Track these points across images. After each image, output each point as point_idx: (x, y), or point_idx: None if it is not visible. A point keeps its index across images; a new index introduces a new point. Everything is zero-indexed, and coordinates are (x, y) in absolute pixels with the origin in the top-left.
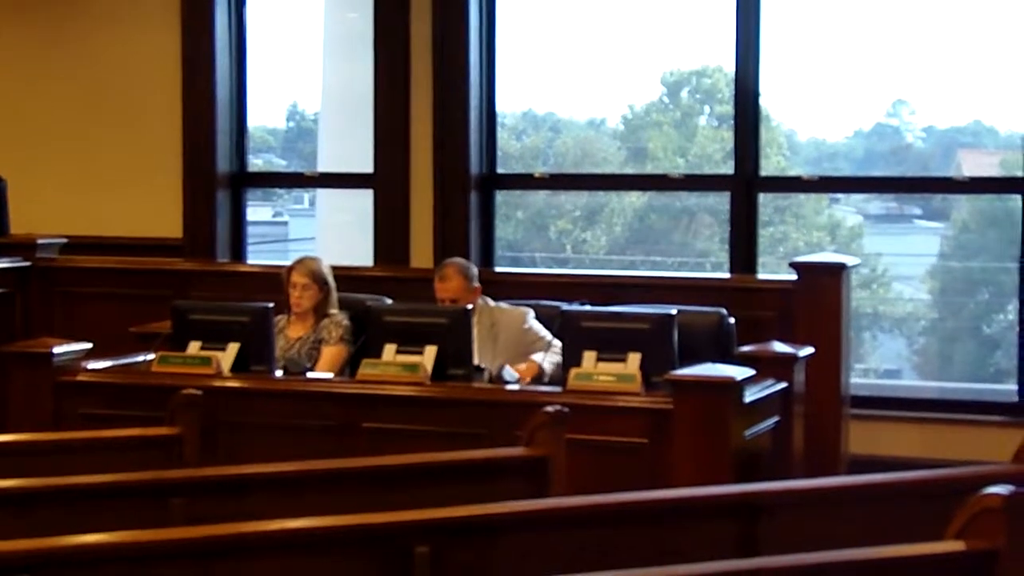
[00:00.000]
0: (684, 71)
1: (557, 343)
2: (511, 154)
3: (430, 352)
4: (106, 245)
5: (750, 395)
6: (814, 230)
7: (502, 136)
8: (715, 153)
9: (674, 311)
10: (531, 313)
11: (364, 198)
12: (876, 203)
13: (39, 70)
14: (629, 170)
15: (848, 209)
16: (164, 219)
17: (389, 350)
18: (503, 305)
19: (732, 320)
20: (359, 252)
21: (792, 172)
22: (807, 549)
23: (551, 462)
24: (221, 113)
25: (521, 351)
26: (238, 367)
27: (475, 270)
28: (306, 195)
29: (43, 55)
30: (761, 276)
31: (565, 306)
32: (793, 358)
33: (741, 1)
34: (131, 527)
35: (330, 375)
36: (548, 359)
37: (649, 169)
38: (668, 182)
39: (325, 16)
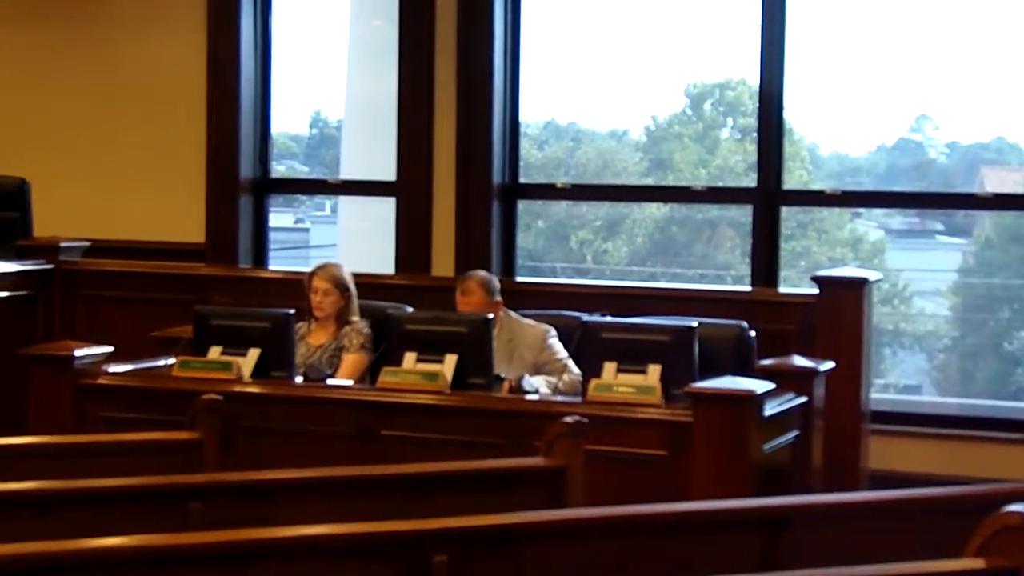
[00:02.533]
0: (708, 83)
1: (574, 367)
2: (533, 164)
3: (450, 361)
4: (129, 249)
5: (770, 409)
6: (836, 244)
7: (524, 146)
8: (737, 166)
9: (695, 323)
10: (552, 332)
11: (386, 206)
12: (898, 218)
13: (63, 73)
14: (651, 181)
15: (870, 224)
16: (187, 224)
17: (409, 358)
18: (525, 321)
19: (753, 333)
20: (380, 260)
21: (814, 186)
22: (826, 564)
23: (569, 473)
24: (245, 119)
25: (535, 370)
26: (258, 373)
27: (497, 283)
28: (328, 202)
29: (67, 58)
30: (782, 290)
31: (586, 317)
32: (814, 372)
33: (766, 14)
34: (150, 531)
35: (350, 382)
36: (548, 382)
37: (671, 181)
38: (690, 194)
39: (350, 23)
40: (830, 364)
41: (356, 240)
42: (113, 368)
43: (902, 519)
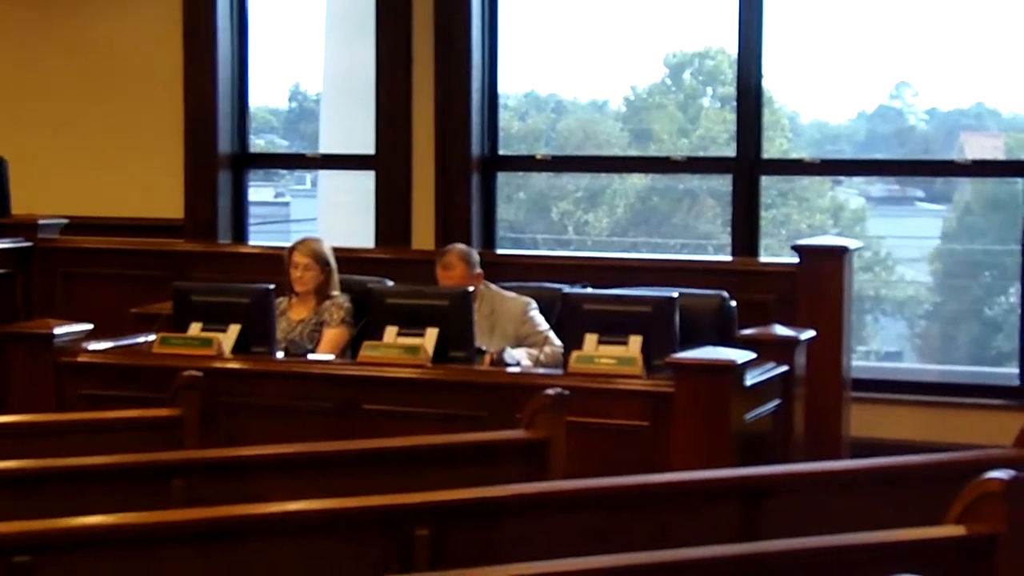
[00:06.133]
0: (687, 53)
1: (555, 339)
2: (513, 135)
3: (431, 334)
4: (107, 226)
5: (751, 378)
6: (817, 213)
7: (504, 117)
8: (718, 135)
9: (675, 294)
10: (532, 304)
11: (366, 179)
12: (879, 185)
13: (40, 49)
14: (632, 152)
15: (851, 191)
16: (166, 200)
17: (390, 332)
18: (506, 293)
19: (733, 303)
20: (361, 233)
21: (795, 154)
22: (808, 533)
23: (551, 445)
24: (223, 93)
25: (517, 342)
26: (239, 348)
27: (477, 256)
28: (308, 176)
29: (44, 34)
30: (763, 259)
31: (567, 289)
32: (794, 341)
33: None
34: (131, 509)
35: (331, 357)
36: (529, 354)
37: (652, 151)
38: (671, 164)
39: None
40: (811, 333)
41: (336, 214)
42: (93, 345)
43: (884, 487)
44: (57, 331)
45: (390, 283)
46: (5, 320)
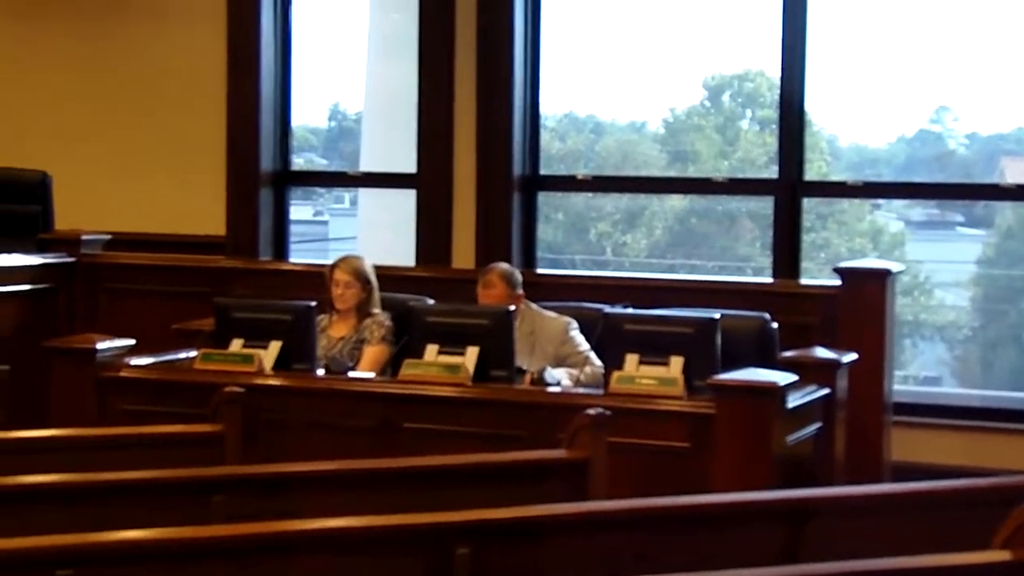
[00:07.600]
0: (726, 75)
1: (595, 359)
2: (553, 156)
3: (472, 353)
4: (150, 242)
5: (793, 401)
6: (856, 236)
7: (544, 138)
8: (757, 158)
9: (717, 315)
10: (573, 324)
11: (406, 198)
12: (918, 209)
13: (84, 66)
14: (671, 173)
15: (890, 215)
16: (207, 217)
17: (431, 350)
18: (547, 313)
19: (775, 325)
20: (401, 252)
21: (834, 177)
22: (849, 556)
23: (592, 465)
24: (265, 112)
25: (557, 362)
26: (280, 365)
27: (519, 276)
28: (347, 195)
29: (88, 51)
30: (805, 281)
31: (608, 308)
32: (836, 364)
33: (787, 6)
34: (172, 524)
35: (372, 375)
36: (570, 374)
37: (691, 172)
38: (711, 186)
39: (370, 16)
40: (853, 356)
41: (376, 233)
42: (135, 361)
43: (926, 511)
44: (99, 346)
45: (431, 301)
46: (48, 335)
